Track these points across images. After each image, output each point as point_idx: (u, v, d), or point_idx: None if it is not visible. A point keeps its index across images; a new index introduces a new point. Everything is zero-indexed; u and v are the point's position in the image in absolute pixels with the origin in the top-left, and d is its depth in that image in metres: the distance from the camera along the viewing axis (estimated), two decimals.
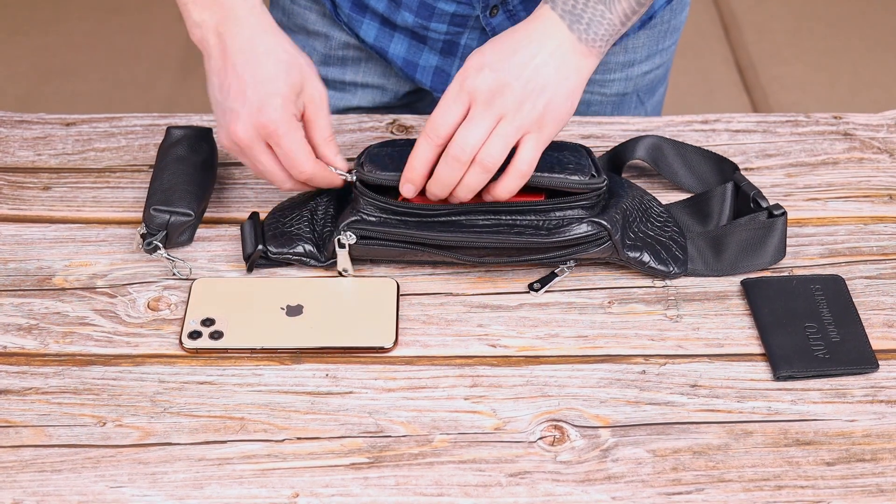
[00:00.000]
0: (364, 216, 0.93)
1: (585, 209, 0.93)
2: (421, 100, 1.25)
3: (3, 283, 0.95)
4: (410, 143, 0.93)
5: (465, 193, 0.91)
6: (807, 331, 0.92)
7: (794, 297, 0.94)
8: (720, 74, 2.50)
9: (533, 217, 0.93)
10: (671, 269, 0.96)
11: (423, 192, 0.93)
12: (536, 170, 0.91)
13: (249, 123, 0.91)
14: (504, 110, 0.89)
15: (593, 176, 0.93)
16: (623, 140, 1.11)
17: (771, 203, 0.98)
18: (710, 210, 1.01)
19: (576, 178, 0.92)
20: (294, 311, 0.92)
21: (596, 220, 0.93)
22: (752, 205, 0.98)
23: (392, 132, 1.12)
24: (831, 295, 0.94)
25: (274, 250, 0.96)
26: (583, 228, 0.93)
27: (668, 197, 1.05)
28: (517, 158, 0.90)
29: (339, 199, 0.98)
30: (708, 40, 2.59)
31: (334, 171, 0.95)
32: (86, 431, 0.84)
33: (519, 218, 0.93)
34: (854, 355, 0.90)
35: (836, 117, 1.15)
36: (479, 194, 0.92)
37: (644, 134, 1.08)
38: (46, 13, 2.64)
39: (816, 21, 2.62)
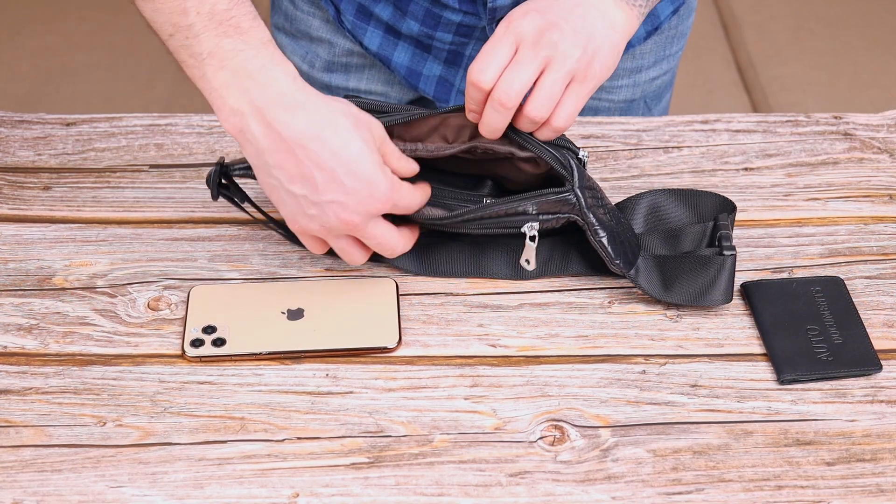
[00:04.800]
0: None
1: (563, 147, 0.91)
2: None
3: (3, 283, 0.95)
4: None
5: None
6: (809, 333, 0.91)
7: (795, 300, 0.94)
8: (720, 74, 2.50)
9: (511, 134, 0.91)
10: (619, 261, 0.93)
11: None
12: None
13: (363, 209, 0.85)
14: (552, 51, 0.86)
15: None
16: (621, 141, 1.11)
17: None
18: (685, 246, 0.97)
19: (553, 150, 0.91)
20: (295, 314, 0.92)
21: (570, 158, 0.90)
22: (716, 243, 0.94)
23: None
24: (831, 296, 0.94)
25: (234, 166, 0.92)
26: (555, 152, 0.90)
27: None
28: (557, 114, 0.88)
29: None
30: (708, 40, 2.59)
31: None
32: (86, 431, 0.84)
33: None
34: (857, 356, 0.90)
35: (836, 117, 1.15)
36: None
37: (638, 194, 1.01)
38: (46, 13, 2.64)
39: (816, 21, 2.62)
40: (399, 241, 0.90)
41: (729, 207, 0.98)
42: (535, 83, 0.87)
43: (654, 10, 1.14)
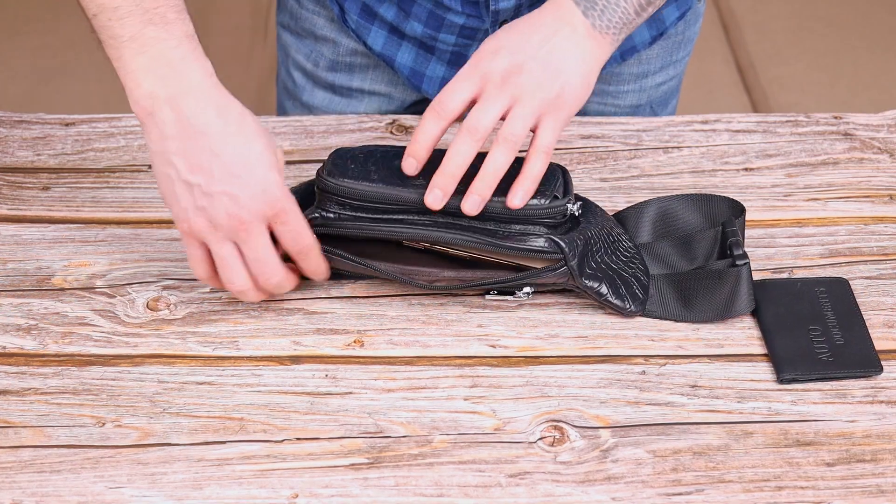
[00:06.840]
0: (322, 213, 0.91)
1: (548, 227, 0.90)
2: None
3: (2, 283, 0.95)
4: (383, 150, 0.92)
5: (491, 179, 0.87)
6: (811, 334, 0.91)
7: (799, 300, 0.94)
8: (720, 74, 2.50)
9: (491, 225, 0.90)
10: (627, 305, 0.92)
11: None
12: (495, 194, 0.88)
13: (254, 206, 0.85)
14: (519, 91, 0.88)
15: (556, 198, 0.90)
16: (621, 141, 1.11)
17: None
18: (697, 252, 0.96)
19: (534, 202, 0.89)
20: None
21: (555, 238, 0.89)
22: (727, 252, 0.93)
23: (392, 132, 1.12)
24: (835, 298, 0.94)
25: None
26: (539, 242, 0.89)
27: None
28: (537, 139, 0.88)
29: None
30: (708, 40, 2.58)
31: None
32: (85, 432, 0.84)
33: (477, 223, 0.90)
34: (858, 358, 0.90)
35: (836, 117, 1.14)
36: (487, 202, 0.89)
37: (646, 201, 1.00)
38: (46, 13, 2.64)
39: (816, 21, 2.62)
40: (278, 271, 0.89)
41: (737, 210, 0.97)
42: (505, 117, 0.88)
43: (660, 16, 1.14)
